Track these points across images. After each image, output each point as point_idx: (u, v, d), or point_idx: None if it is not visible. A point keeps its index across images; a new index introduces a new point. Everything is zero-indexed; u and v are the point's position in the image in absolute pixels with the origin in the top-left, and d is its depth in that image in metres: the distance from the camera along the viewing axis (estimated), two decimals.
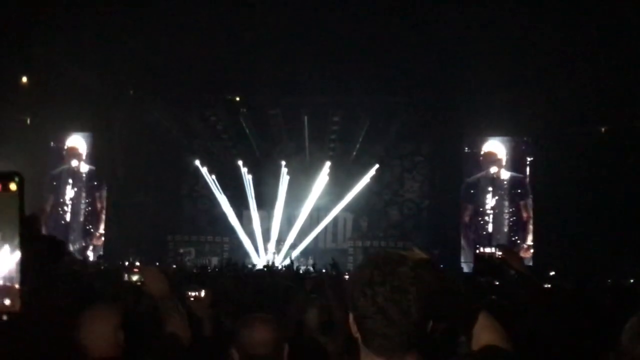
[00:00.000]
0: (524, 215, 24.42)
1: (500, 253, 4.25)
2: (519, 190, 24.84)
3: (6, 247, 1.16)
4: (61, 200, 25.01)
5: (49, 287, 1.23)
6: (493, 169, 24.95)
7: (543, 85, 19.39)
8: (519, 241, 23.60)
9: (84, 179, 25.36)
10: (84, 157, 25.20)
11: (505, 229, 24.16)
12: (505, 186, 25.05)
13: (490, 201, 24.93)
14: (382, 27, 17.80)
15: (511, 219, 24.33)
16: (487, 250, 4.31)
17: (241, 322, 3.17)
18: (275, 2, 17.24)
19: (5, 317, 1.15)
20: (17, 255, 1.16)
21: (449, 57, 18.73)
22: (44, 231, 16.02)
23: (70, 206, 25.10)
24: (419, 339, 1.90)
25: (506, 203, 24.77)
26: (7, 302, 1.15)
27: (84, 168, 25.36)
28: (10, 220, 1.16)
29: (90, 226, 24.93)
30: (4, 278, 1.15)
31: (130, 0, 16.87)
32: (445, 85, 20.46)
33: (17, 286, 1.16)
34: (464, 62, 18.83)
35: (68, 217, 24.94)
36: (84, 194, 25.27)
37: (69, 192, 25.35)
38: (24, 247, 1.16)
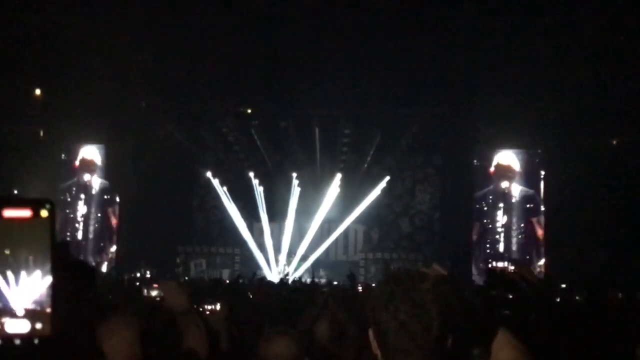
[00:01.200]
0: (538, 232, 23.67)
1: (512, 267, 4.26)
2: (530, 206, 24.14)
3: (38, 272, 1.19)
4: (72, 216, 24.61)
5: (79, 312, 1.25)
6: (504, 184, 24.26)
7: (555, 98, 19.33)
8: (530, 259, 22.99)
9: (95, 193, 25.01)
10: (96, 171, 24.94)
11: (516, 247, 23.59)
12: (517, 202, 24.32)
13: (500, 218, 24.21)
14: (393, 39, 17.83)
15: (522, 236, 23.63)
16: (500, 264, 4.32)
17: (262, 336, 3.19)
18: (287, 16, 17.31)
19: (36, 341, 1.18)
20: (49, 280, 1.19)
21: (460, 69, 18.74)
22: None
23: (82, 223, 24.77)
24: (439, 354, 1.90)
25: (517, 219, 24.07)
26: (38, 326, 1.18)
27: (96, 182, 25.05)
28: (42, 246, 1.19)
29: (103, 243, 24.64)
30: (36, 302, 1.19)
31: (143, 13, 16.96)
32: (456, 97, 20.48)
33: (48, 310, 1.19)
34: (476, 74, 18.85)
35: (80, 234, 24.60)
36: (95, 209, 24.90)
37: (81, 209, 24.93)
38: (55, 272, 1.19)
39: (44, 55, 17.84)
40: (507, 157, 24.16)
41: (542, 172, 23.71)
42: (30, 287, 1.19)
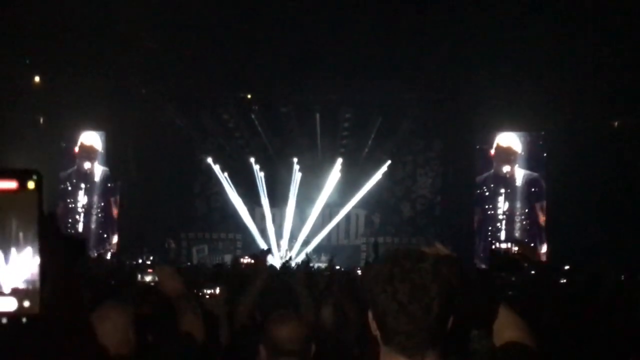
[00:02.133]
0: (541, 218, 22.89)
1: (516, 248, 4.24)
2: (535, 190, 23.28)
3: (25, 247, 1.14)
4: (72, 206, 24.08)
5: (69, 288, 1.20)
6: (505, 168, 23.37)
7: (556, 79, 19.24)
8: (534, 246, 22.06)
9: (97, 181, 24.49)
10: (97, 158, 24.46)
11: (519, 234, 22.85)
12: (520, 186, 23.48)
13: (502, 204, 23.35)
14: (392, 23, 17.74)
15: (525, 222, 22.88)
16: (503, 246, 4.31)
17: (270, 319, 3.17)
18: (288, 3, 17.22)
19: (24, 320, 1.14)
20: (37, 255, 1.15)
21: (460, 51, 18.66)
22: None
23: (82, 214, 24.20)
24: (440, 336, 1.87)
25: (520, 205, 23.27)
26: (26, 304, 1.14)
27: (98, 170, 24.57)
28: (29, 220, 1.14)
29: (105, 234, 24.12)
30: (24, 280, 1.14)
31: (144, 2, 16.88)
32: (456, 80, 20.40)
33: (36, 287, 1.14)
34: (476, 56, 18.76)
35: (81, 226, 24.01)
36: (97, 199, 24.36)
37: (82, 198, 24.27)
38: (43, 247, 1.15)
39: (44, 42, 17.77)
40: (508, 139, 23.46)
41: (545, 155, 23.02)
42: (17, 263, 1.14)
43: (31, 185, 1.15)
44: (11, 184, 1.14)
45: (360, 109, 22.04)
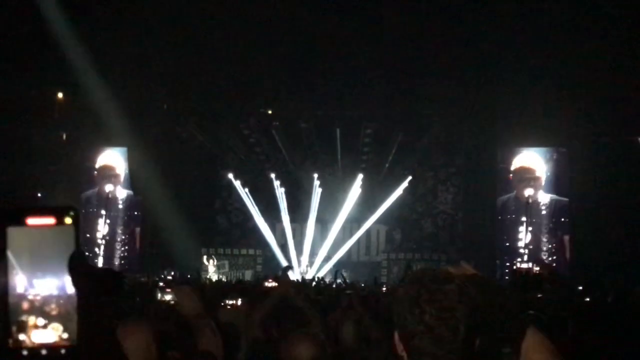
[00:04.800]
0: (567, 252, 20.36)
1: (537, 268, 4.20)
2: (564, 220, 20.68)
3: (63, 281, 1.19)
4: (88, 236, 21.68)
5: (103, 320, 1.23)
6: (527, 191, 20.86)
7: (578, 94, 19.08)
8: (555, 266, 19.63)
9: (120, 208, 22.97)
10: (121, 179, 23.25)
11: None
12: (545, 214, 20.95)
13: (524, 235, 20.83)
14: (414, 39, 17.76)
15: (550, 259, 20.34)
16: (525, 266, 4.27)
17: (285, 339, 3.17)
18: (308, 19, 17.31)
19: (63, 352, 1.18)
20: (74, 288, 1.20)
21: (482, 66, 18.62)
22: None
23: (102, 246, 22.05)
24: (467, 357, 1.87)
25: (545, 238, 20.83)
26: (64, 335, 1.18)
27: (121, 193, 23.22)
28: (67, 254, 1.20)
29: (128, 267, 21.86)
30: (63, 311, 1.18)
31: (164, 18, 17.06)
32: (478, 95, 20.33)
33: (74, 319, 1.18)
34: (497, 71, 18.71)
35: (100, 261, 21.64)
36: (120, 229, 22.65)
37: (102, 227, 22.14)
38: (76, 284, 1.19)
39: (67, 59, 17.99)
40: (528, 158, 21.74)
41: (570, 175, 21.16)
42: (56, 296, 1.19)
43: (68, 220, 1.21)
44: (49, 220, 1.21)
45: (381, 124, 22.02)
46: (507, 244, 21.44)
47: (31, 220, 1.20)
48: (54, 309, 1.18)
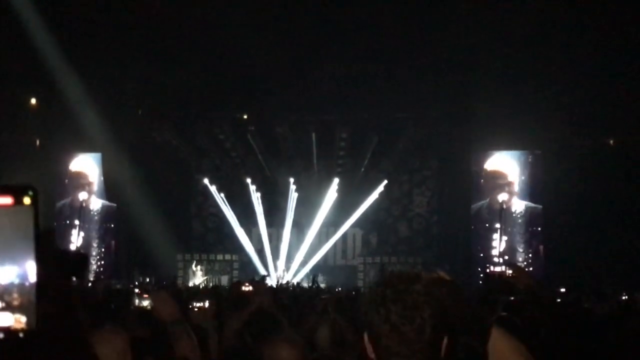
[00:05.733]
0: (543, 263, 19.85)
1: (510, 271, 4.24)
2: (537, 229, 20.17)
3: (21, 263, 1.14)
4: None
5: (66, 304, 1.20)
6: (501, 196, 20.29)
7: (553, 96, 19.23)
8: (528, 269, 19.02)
9: (95, 218, 22.19)
10: (95, 187, 22.65)
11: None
12: (521, 222, 20.37)
13: (498, 243, 20.18)
14: (388, 43, 17.85)
15: (528, 269, 18.13)
16: (497, 269, 4.32)
17: (266, 342, 3.18)
18: (281, 22, 17.33)
19: (21, 335, 1.13)
20: (33, 271, 1.14)
21: (456, 71, 18.74)
22: None
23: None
24: (434, 357, 1.87)
25: (520, 245, 20.26)
26: (22, 319, 1.13)
27: (95, 203, 22.57)
28: (26, 236, 1.14)
29: (103, 274, 21.53)
30: (20, 295, 1.13)
31: (137, 21, 16.97)
32: (452, 99, 20.45)
33: (33, 303, 1.14)
34: (471, 74, 18.83)
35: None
36: (95, 242, 21.91)
37: (76, 239, 21.39)
38: (40, 263, 1.14)
39: (40, 64, 17.82)
40: (498, 162, 21.37)
41: (543, 177, 20.86)
42: (14, 279, 1.13)
43: (27, 200, 1.14)
44: (6, 200, 1.14)
45: (357, 128, 22.07)
46: (482, 254, 20.95)
47: None
48: (15, 298, 1.13)
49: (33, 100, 20.69)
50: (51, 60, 17.63)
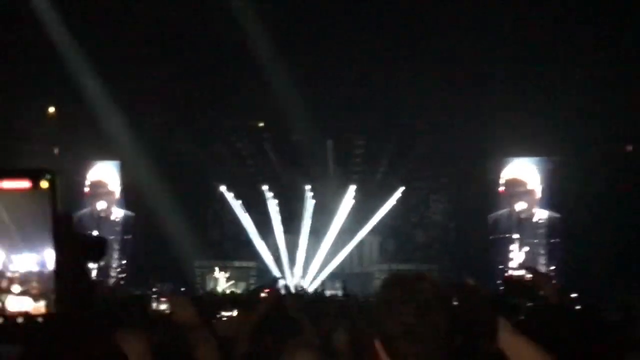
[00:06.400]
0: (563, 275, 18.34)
1: (530, 276, 4.21)
2: (558, 240, 19.13)
3: (41, 250, 1.13)
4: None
5: (84, 289, 1.19)
6: (519, 205, 19.48)
7: (569, 103, 19.03)
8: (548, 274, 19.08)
9: (116, 230, 21.90)
10: (115, 196, 22.50)
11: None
12: (541, 233, 19.39)
13: (517, 255, 19.20)
14: (404, 51, 17.82)
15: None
16: (516, 273, 4.29)
17: (284, 347, 3.18)
18: (297, 31, 17.36)
19: (40, 320, 1.13)
20: (52, 255, 1.13)
21: (473, 78, 18.66)
22: None
23: (95, 271, 20.31)
24: (448, 354, 1.86)
25: (543, 260, 19.10)
26: (41, 303, 1.13)
27: (117, 213, 22.51)
28: (44, 220, 1.13)
29: (122, 282, 21.47)
30: (41, 282, 1.13)
31: (155, 31, 17.08)
32: (468, 104, 20.34)
33: (51, 287, 1.13)
34: (487, 80, 18.74)
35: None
36: (116, 254, 21.67)
37: None
38: (58, 247, 1.13)
39: (57, 73, 17.96)
40: (519, 169, 20.80)
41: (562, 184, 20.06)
42: (32, 263, 1.13)
43: (44, 184, 1.15)
44: (24, 184, 1.14)
45: (373, 135, 22.04)
46: (500, 265, 20.15)
47: (3, 184, 1.13)
48: (34, 284, 1.13)
49: (52, 109, 20.83)
50: (70, 69, 17.76)
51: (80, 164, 24.05)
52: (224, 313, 4.41)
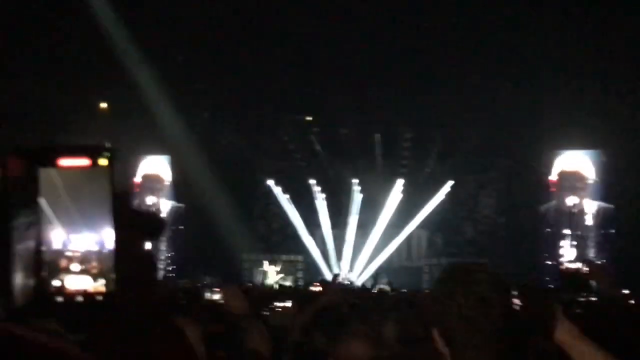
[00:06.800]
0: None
1: (586, 269, 4.13)
2: (612, 230, 18.88)
3: (100, 229, 1.12)
4: None
5: (143, 266, 1.18)
6: (570, 199, 19.23)
7: (620, 95, 18.62)
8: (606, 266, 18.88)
9: (167, 220, 21.68)
10: (165, 189, 23.13)
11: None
12: (592, 226, 19.07)
13: (567, 249, 19.11)
14: (454, 42, 17.66)
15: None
16: (573, 266, 4.21)
17: (339, 337, 3.20)
18: (344, 24, 17.34)
19: (100, 298, 1.12)
20: (111, 237, 1.13)
21: (523, 69, 18.39)
22: None
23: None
24: (505, 345, 1.88)
25: (592, 252, 18.87)
26: (100, 282, 1.13)
27: (165, 205, 23.07)
28: (103, 197, 1.12)
29: (171, 274, 22.12)
30: (100, 261, 1.13)
31: (205, 26, 17.24)
32: (518, 97, 20.04)
33: (111, 266, 1.13)
34: (539, 73, 18.45)
35: None
36: (164, 246, 22.18)
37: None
38: (117, 224, 1.12)
39: (109, 68, 18.26)
40: (574, 161, 20.52)
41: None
42: (91, 240, 1.13)
43: (103, 161, 1.13)
44: (84, 161, 1.12)
45: (421, 128, 21.89)
46: (550, 260, 19.85)
47: (64, 161, 1.11)
48: (94, 263, 1.12)
49: (104, 105, 21.20)
50: (121, 64, 18.03)
51: (131, 159, 24.44)
52: (277, 304, 4.45)
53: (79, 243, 1.13)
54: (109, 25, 16.91)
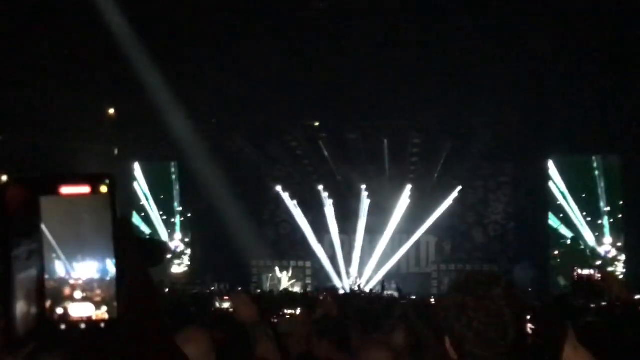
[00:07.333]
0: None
1: (599, 275, 4.11)
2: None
3: (102, 257, 1.12)
4: None
5: (146, 293, 1.18)
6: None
7: (630, 101, 18.56)
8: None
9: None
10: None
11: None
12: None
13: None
14: (462, 47, 17.63)
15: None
16: (586, 272, 4.19)
17: (358, 344, 3.21)
18: (350, 28, 17.33)
19: (103, 325, 1.11)
20: (112, 259, 1.12)
21: (531, 74, 18.34)
22: None
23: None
24: (517, 357, 1.90)
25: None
26: (103, 309, 1.12)
27: None
28: (104, 224, 1.12)
29: (177, 279, 22.72)
30: (102, 288, 1.12)
31: (212, 33, 17.28)
32: (527, 102, 20.00)
33: (113, 293, 1.12)
34: (547, 78, 18.40)
35: None
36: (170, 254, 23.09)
37: None
38: (119, 252, 1.12)
39: (116, 74, 18.31)
40: (579, 166, 21.77)
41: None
42: (94, 268, 1.12)
43: (103, 189, 1.13)
44: (84, 189, 1.13)
45: (429, 133, 21.85)
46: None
47: (65, 189, 1.12)
48: (96, 291, 1.11)
49: (111, 110, 21.25)
50: (130, 71, 18.07)
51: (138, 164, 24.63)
52: (286, 311, 4.44)
53: (82, 271, 1.13)
54: (117, 31, 16.95)
